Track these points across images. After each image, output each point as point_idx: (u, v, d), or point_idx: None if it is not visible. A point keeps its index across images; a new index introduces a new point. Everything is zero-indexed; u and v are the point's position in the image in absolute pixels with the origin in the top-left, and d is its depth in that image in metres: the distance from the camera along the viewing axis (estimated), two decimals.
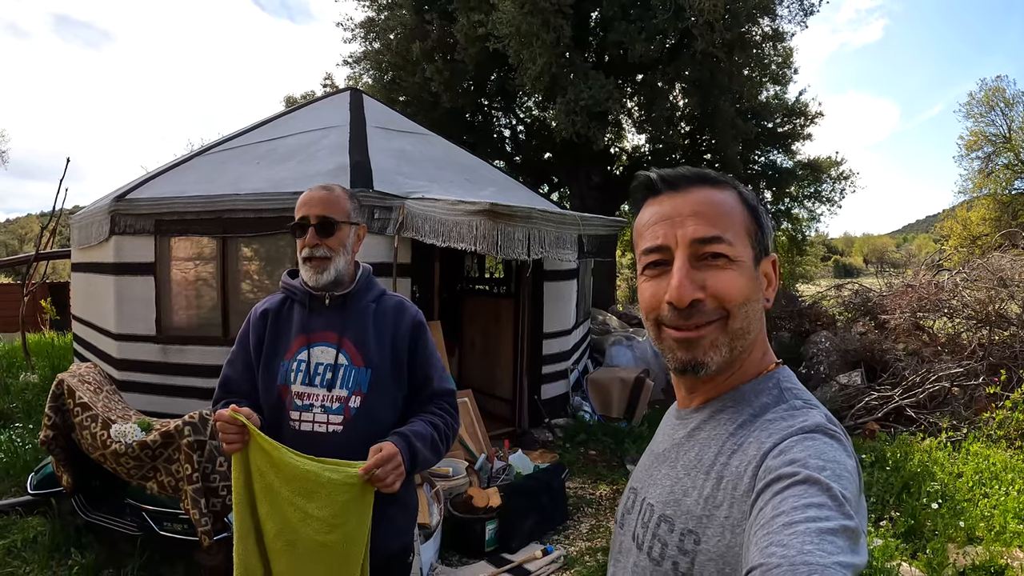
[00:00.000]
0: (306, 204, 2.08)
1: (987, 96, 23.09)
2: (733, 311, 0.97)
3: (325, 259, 2.05)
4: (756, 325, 1.01)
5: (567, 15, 11.02)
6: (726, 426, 1.00)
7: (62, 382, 3.84)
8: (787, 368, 1.06)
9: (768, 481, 0.84)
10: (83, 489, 3.93)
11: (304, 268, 2.07)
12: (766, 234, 1.03)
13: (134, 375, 6.10)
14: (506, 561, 4.31)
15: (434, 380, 2.16)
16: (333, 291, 2.08)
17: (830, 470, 0.81)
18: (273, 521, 1.86)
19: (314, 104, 8.95)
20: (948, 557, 4.07)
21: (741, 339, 0.99)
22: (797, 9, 13.16)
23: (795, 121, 15.33)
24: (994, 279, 8.34)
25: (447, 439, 2.11)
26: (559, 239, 5.64)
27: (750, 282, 0.99)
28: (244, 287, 6.15)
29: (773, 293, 1.03)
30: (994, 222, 21.92)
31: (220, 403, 2.08)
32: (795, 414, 0.95)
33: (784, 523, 0.75)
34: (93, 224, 6.70)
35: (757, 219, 1.02)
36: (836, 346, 9.02)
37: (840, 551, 0.71)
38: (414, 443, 1.95)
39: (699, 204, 0.99)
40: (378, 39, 15.25)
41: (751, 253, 1.00)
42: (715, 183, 1.02)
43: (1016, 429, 6.14)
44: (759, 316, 1.01)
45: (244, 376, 2.10)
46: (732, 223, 0.99)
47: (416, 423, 2.04)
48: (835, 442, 0.88)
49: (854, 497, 0.81)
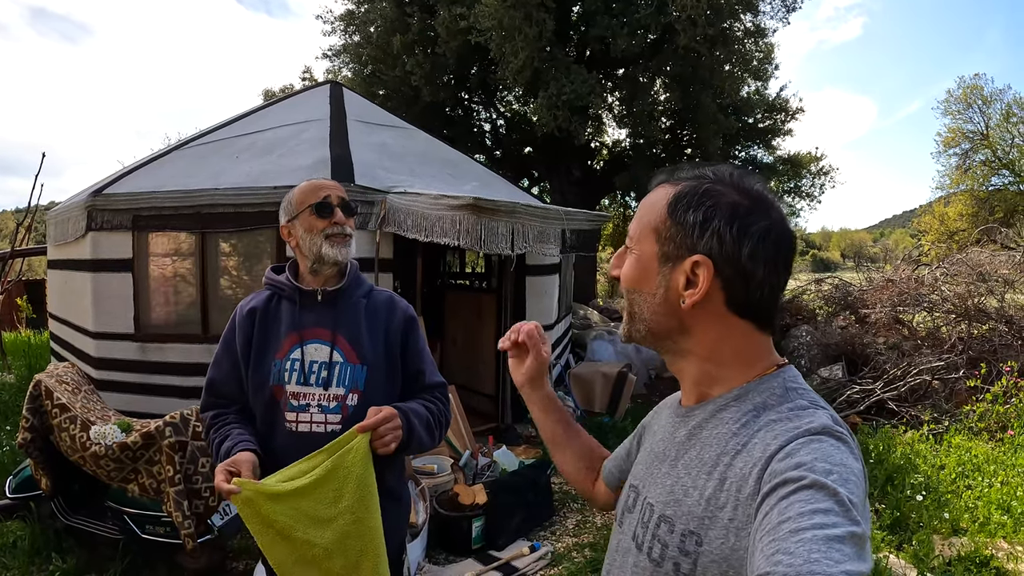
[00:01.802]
0: (324, 187, 2.07)
1: (965, 94, 23.40)
2: (625, 294, 1.08)
3: (348, 237, 2.05)
4: (651, 315, 1.04)
5: (550, 9, 11.01)
6: (729, 425, 0.98)
7: (40, 383, 3.76)
8: (793, 368, 1.04)
9: (774, 485, 0.82)
10: (63, 492, 3.86)
11: (328, 245, 2.01)
12: (688, 233, 0.99)
13: (112, 374, 6.00)
14: (493, 559, 4.29)
15: (426, 374, 2.15)
16: (327, 285, 2.05)
17: (837, 474, 0.80)
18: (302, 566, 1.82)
19: (293, 98, 8.83)
20: (934, 548, 4.11)
21: (636, 323, 1.07)
22: (779, 5, 13.27)
23: (776, 117, 15.46)
24: (973, 274, 8.44)
25: (441, 425, 2.11)
26: (542, 234, 5.62)
27: (638, 273, 1.05)
28: (223, 283, 6.07)
29: (692, 296, 0.99)
30: (971, 218, 22.25)
31: (210, 410, 2.05)
32: (801, 415, 0.93)
33: (790, 530, 0.74)
34: (70, 220, 6.58)
35: (675, 217, 1.01)
36: (817, 340, 9.09)
37: (847, 559, 0.70)
38: (411, 418, 1.95)
39: (642, 203, 1.11)
40: (358, 32, 15.12)
41: (654, 249, 1.03)
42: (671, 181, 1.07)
43: (997, 421, 6.22)
44: (655, 309, 1.04)
45: (231, 377, 2.05)
46: (643, 219, 1.06)
47: (413, 403, 2.04)
48: (842, 444, 0.87)
49: (861, 501, 0.79)
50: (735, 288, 0.98)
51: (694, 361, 1.05)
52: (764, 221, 0.98)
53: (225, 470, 1.75)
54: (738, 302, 0.99)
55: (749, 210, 0.98)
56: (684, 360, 1.07)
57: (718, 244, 0.97)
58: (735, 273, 0.97)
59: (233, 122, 7.75)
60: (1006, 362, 6.82)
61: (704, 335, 1.02)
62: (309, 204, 2.03)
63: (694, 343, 1.03)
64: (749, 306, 1.00)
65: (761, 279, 0.98)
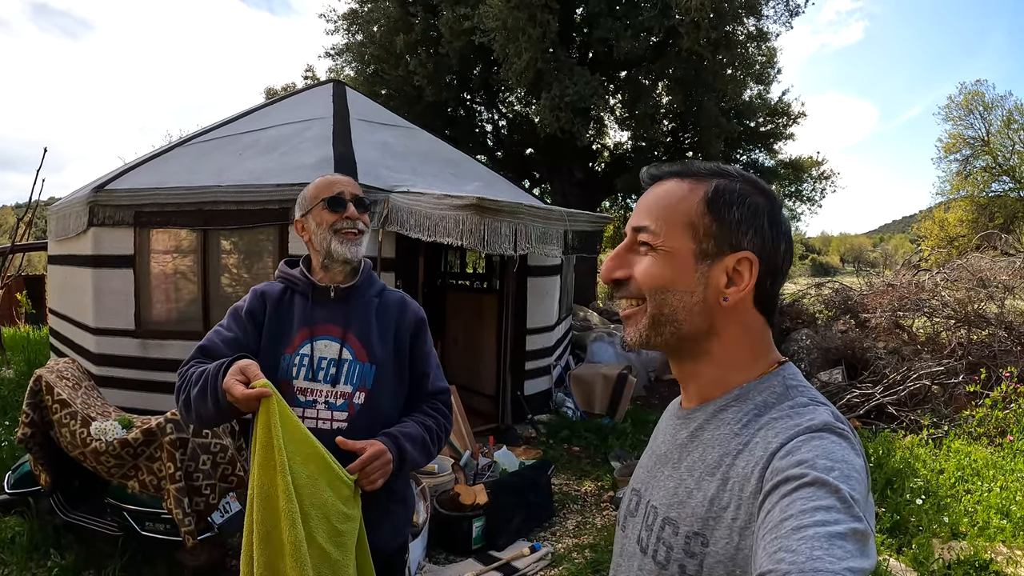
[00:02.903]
0: (337, 183, 2.07)
1: (966, 99, 23.34)
2: (648, 296, 1.00)
3: (360, 234, 2.04)
4: (686, 316, 0.99)
5: (553, 10, 11.01)
6: (730, 425, 0.98)
7: (40, 378, 3.76)
8: (792, 365, 1.05)
9: (776, 483, 0.82)
10: (62, 488, 3.86)
11: (338, 242, 2.00)
12: (730, 229, 0.99)
13: (113, 370, 5.99)
14: (494, 559, 4.28)
15: (430, 378, 2.13)
16: (340, 282, 2.04)
17: (839, 471, 0.80)
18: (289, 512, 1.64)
19: (296, 96, 8.83)
20: (933, 552, 4.10)
21: (663, 326, 1.00)
22: (782, 9, 13.26)
23: (777, 121, 15.46)
24: (973, 279, 8.45)
25: (439, 440, 2.08)
26: (545, 234, 5.62)
27: (671, 272, 0.99)
28: (225, 281, 6.07)
29: (737, 293, 0.98)
30: (971, 224, 22.23)
31: (193, 362, 1.91)
32: (802, 412, 0.93)
33: (793, 527, 0.74)
34: (71, 215, 6.57)
35: (715, 212, 0.99)
36: (817, 344, 9.09)
37: (850, 556, 0.70)
38: (403, 444, 1.91)
39: (651, 196, 1.04)
40: (361, 31, 15.12)
41: (690, 245, 0.99)
42: (688, 175, 1.02)
43: (996, 426, 6.23)
44: (691, 308, 0.99)
45: (230, 344, 1.95)
46: (668, 213, 1.00)
47: (407, 424, 2.00)
48: (843, 441, 0.86)
49: (863, 497, 0.79)
50: (764, 284, 1.00)
51: (709, 362, 1.03)
52: (785, 220, 1.03)
53: (236, 380, 1.67)
54: (763, 298, 1.01)
55: (776, 208, 1.02)
56: (700, 362, 1.04)
57: (760, 241, 0.98)
58: (768, 270, 1.00)
59: (236, 119, 7.73)
60: (1006, 367, 6.83)
61: (728, 333, 1.01)
62: (322, 198, 2.02)
63: (716, 342, 1.01)
64: (768, 300, 1.02)
65: (784, 275, 1.03)
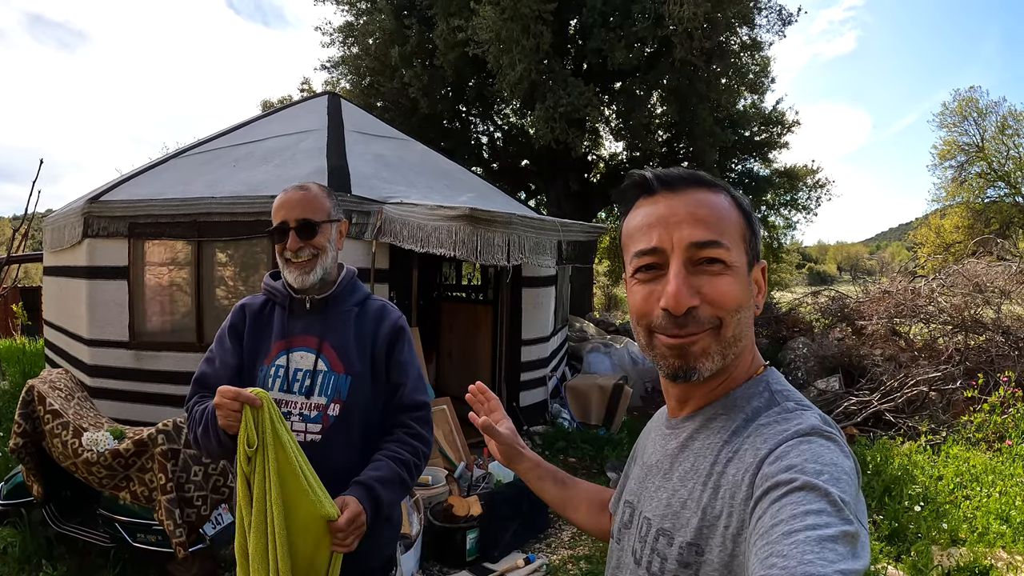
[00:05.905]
0: (284, 207, 1.99)
1: (960, 106, 23.41)
2: (726, 319, 0.94)
3: (312, 259, 1.97)
4: (748, 332, 0.99)
5: (547, 22, 11.04)
6: (720, 434, 0.97)
7: (32, 388, 3.75)
8: (775, 370, 1.05)
9: (766, 488, 0.82)
10: (54, 499, 3.85)
11: (288, 271, 1.98)
12: (758, 239, 1.02)
13: (106, 382, 5.97)
14: (488, 571, 4.26)
15: (406, 389, 2.04)
16: (315, 293, 2.01)
17: (828, 474, 0.80)
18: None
19: (291, 108, 8.86)
20: (932, 559, 4.09)
21: (733, 347, 0.96)
22: (775, 19, 13.30)
23: (772, 130, 15.51)
24: (970, 285, 8.46)
25: (416, 469, 2.01)
26: (539, 245, 5.62)
27: (744, 289, 0.96)
28: (219, 292, 6.05)
29: (763, 300, 1.01)
30: (967, 230, 22.27)
31: (195, 398, 1.96)
32: (789, 417, 0.93)
33: (783, 532, 0.74)
34: (66, 226, 6.57)
35: (751, 224, 1.00)
36: (814, 352, 9.10)
37: (841, 558, 0.69)
38: (377, 492, 1.85)
39: (696, 206, 0.96)
40: (356, 43, 15.17)
41: (745, 259, 0.97)
42: (710, 185, 0.99)
43: (994, 432, 6.21)
44: (750, 323, 0.99)
45: (222, 374, 1.98)
46: (728, 227, 0.96)
47: (381, 463, 1.91)
48: (831, 444, 0.86)
49: (853, 499, 0.79)
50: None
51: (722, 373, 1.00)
52: None
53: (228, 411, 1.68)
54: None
55: None
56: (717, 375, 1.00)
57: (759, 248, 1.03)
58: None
59: (231, 131, 7.76)
60: (1003, 372, 6.83)
61: (747, 343, 1.01)
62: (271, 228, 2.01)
63: (738, 349, 0.99)
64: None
65: None
